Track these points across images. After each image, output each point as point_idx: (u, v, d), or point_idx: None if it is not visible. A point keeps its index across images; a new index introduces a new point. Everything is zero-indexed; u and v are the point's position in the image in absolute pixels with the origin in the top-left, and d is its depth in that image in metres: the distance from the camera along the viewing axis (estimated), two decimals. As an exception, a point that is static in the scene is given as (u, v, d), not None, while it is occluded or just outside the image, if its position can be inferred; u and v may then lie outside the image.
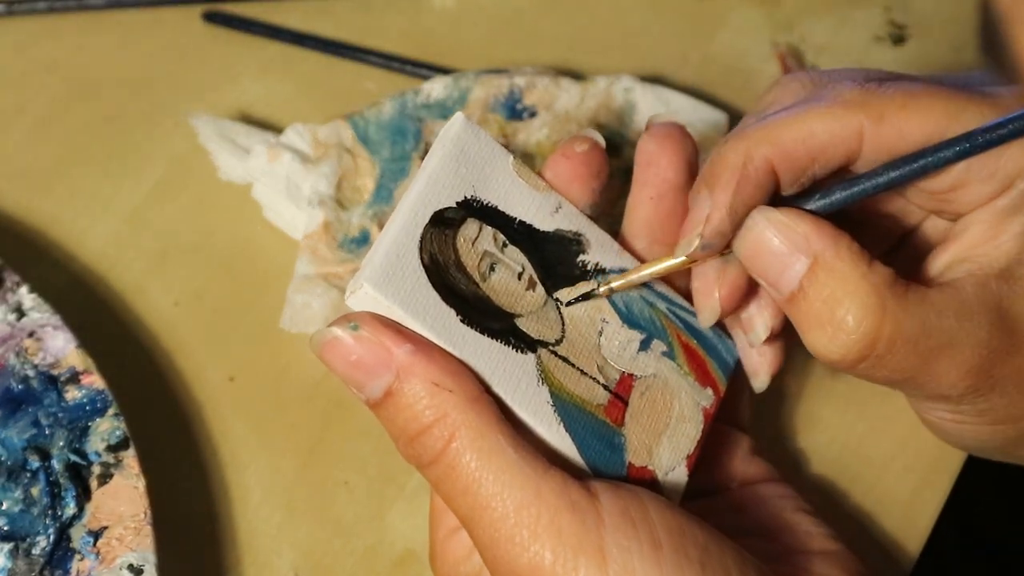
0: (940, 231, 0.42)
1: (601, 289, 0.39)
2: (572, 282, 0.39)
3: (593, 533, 0.34)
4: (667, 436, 0.38)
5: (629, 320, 0.39)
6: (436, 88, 0.53)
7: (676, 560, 0.34)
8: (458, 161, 0.38)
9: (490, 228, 0.38)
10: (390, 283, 0.35)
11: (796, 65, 0.60)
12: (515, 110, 0.53)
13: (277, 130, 0.54)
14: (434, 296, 0.36)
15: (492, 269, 0.37)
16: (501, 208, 0.38)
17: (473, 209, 0.38)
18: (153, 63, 0.57)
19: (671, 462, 0.38)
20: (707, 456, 0.41)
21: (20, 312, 0.46)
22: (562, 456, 0.37)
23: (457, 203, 0.37)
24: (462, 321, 0.36)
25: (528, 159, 0.52)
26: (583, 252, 0.39)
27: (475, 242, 0.37)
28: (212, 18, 0.58)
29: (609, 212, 0.48)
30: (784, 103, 0.40)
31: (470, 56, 0.58)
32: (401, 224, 0.36)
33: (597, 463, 0.37)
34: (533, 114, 0.53)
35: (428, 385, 0.35)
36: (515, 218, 0.38)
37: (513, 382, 0.36)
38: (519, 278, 0.38)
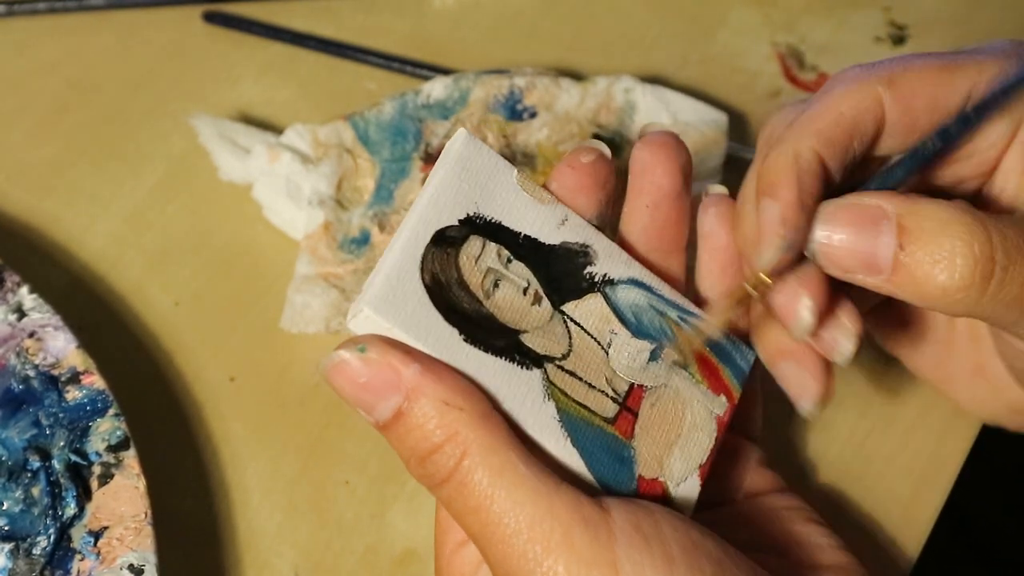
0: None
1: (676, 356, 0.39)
2: (579, 295, 0.38)
3: (606, 548, 0.33)
4: (679, 447, 0.38)
5: (639, 331, 0.39)
6: (436, 88, 0.53)
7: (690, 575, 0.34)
8: (460, 178, 0.37)
9: (494, 244, 0.37)
10: (391, 305, 0.35)
11: (796, 65, 0.60)
12: (515, 110, 0.53)
13: (277, 130, 0.54)
14: (436, 316, 0.35)
15: (496, 285, 0.37)
16: (505, 223, 0.38)
17: (476, 226, 0.37)
18: (153, 63, 0.57)
19: (683, 473, 0.38)
20: (715, 468, 0.41)
21: (20, 312, 0.46)
22: (571, 471, 0.36)
23: (459, 221, 0.37)
24: (465, 340, 0.35)
25: (528, 159, 0.52)
26: (590, 264, 0.39)
27: (478, 259, 0.37)
28: (212, 18, 0.58)
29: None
30: (789, 119, 0.40)
31: (470, 56, 0.58)
32: (402, 245, 0.36)
33: (606, 477, 0.36)
34: (533, 114, 0.53)
35: (438, 404, 0.34)
36: (520, 233, 0.38)
37: (519, 399, 0.36)
38: (524, 293, 0.37)
